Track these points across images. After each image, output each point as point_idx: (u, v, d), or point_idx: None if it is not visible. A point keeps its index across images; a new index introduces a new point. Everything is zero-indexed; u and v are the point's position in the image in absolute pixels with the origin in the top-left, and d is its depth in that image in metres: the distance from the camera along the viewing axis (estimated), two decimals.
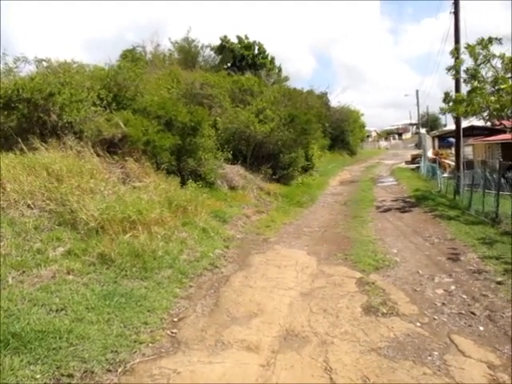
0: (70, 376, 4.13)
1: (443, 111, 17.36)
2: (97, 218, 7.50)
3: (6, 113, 10.50)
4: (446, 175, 21.44)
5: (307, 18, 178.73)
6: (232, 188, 14.91)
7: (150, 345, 4.93)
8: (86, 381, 4.14)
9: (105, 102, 12.23)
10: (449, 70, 16.11)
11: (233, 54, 32.88)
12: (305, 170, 22.88)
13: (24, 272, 5.90)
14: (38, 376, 4.01)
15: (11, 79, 11.24)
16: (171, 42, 31.93)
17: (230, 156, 16.55)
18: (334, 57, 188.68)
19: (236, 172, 16.17)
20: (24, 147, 9.46)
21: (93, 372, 4.25)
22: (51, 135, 10.49)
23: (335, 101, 42.75)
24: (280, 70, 36.34)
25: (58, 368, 4.18)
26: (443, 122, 67.44)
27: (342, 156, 43.38)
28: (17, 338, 4.38)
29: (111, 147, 11.34)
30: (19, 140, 9.75)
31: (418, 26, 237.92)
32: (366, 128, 62.73)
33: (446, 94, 16.30)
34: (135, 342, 4.90)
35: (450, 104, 16.13)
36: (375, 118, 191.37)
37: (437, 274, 7.34)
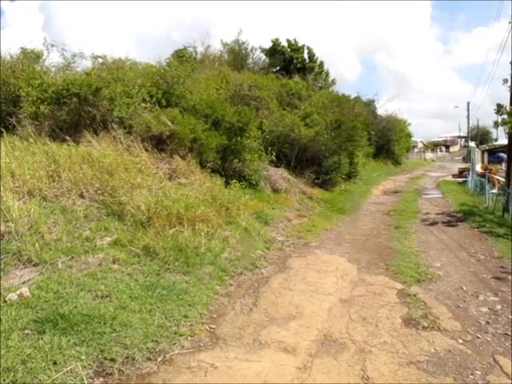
0: (113, 360, 4.29)
1: (496, 124, 16.77)
2: (144, 211, 7.72)
3: (57, 107, 10.93)
4: (494, 191, 20.68)
5: (355, 22, 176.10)
6: (275, 190, 14.94)
7: (190, 338, 5.05)
8: (127, 366, 4.29)
9: (154, 98, 12.52)
10: (505, 81, 15.56)
11: (283, 57, 32.87)
12: (348, 176, 22.64)
13: (73, 258, 6.15)
14: (83, 357, 4.19)
15: (62, 75, 11.73)
16: (222, 44, 32.31)
17: (274, 158, 16.61)
18: (380, 63, 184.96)
19: (280, 175, 16.18)
20: (76, 139, 9.87)
21: (134, 359, 4.40)
22: (102, 129, 10.86)
23: (382, 109, 41.93)
24: (327, 74, 36.03)
25: (101, 351, 4.35)
26: (494, 136, 65.21)
27: (387, 165, 42.54)
28: (65, 320, 4.59)
29: (159, 144, 11.62)
30: (72, 132, 10.18)
31: (470, 35, 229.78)
32: (413, 138, 61.25)
33: (499, 106, 15.66)
34: (175, 333, 5.03)
35: (504, 117, 15.52)
36: (422, 128, 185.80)
37: (482, 292, 7.09)
